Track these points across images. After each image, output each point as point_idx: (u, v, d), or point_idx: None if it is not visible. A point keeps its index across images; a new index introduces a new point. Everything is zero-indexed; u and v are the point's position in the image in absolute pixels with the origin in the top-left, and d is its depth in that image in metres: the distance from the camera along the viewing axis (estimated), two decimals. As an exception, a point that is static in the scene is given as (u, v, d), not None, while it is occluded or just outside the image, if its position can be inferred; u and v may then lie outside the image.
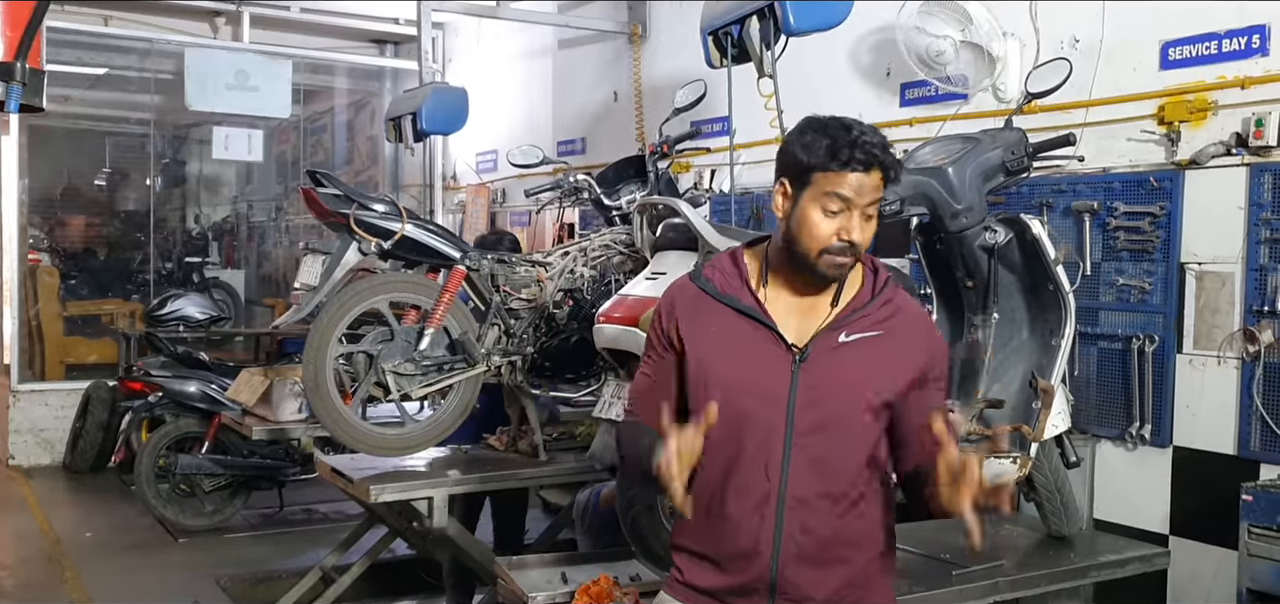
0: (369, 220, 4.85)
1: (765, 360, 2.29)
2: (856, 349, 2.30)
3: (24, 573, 6.57)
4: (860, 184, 2.24)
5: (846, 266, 2.28)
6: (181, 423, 7.40)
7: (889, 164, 2.27)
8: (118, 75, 11.24)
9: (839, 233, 2.24)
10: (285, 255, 12.52)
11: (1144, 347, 4.80)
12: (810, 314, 2.33)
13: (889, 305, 2.36)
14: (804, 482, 2.28)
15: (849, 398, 2.30)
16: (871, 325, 2.32)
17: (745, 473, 2.29)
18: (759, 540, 2.29)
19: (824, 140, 2.25)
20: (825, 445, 2.29)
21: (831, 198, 2.24)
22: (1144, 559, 4.35)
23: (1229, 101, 4.56)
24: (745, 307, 2.32)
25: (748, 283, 2.35)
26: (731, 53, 5.01)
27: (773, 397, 2.28)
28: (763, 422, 2.28)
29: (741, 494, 2.30)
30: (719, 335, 2.32)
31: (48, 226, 11.89)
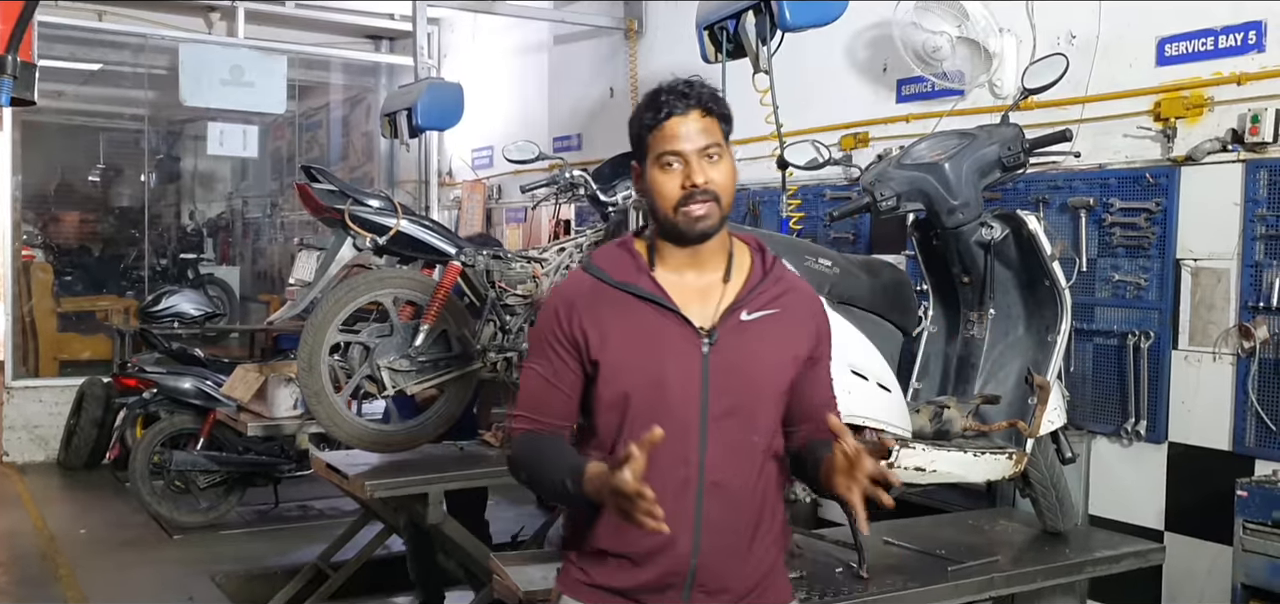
0: (364, 216, 4.85)
1: (674, 346, 2.24)
2: (759, 327, 2.28)
3: (18, 570, 6.55)
4: (683, 128, 2.21)
5: (706, 217, 2.21)
6: (176, 419, 7.39)
7: (706, 98, 2.24)
8: (112, 71, 11.22)
9: (682, 183, 2.20)
10: (280, 251, 12.51)
11: (1139, 343, 4.80)
12: (706, 296, 2.28)
13: (781, 282, 2.34)
14: (721, 466, 2.24)
15: (759, 377, 2.28)
16: (768, 303, 2.30)
17: (662, 462, 2.16)
18: (678, 531, 2.20)
19: (644, 106, 2.27)
20: (739, 427, 2.26)
21: (665, 154, 2.22)
22: (1139, 555, 4.35)
23: (1225, 98, 4.56)
24: (647, 292, 2.26)
25: (641, 266, 2.29)
26: (727, 48, 5.00)
27: (685, 382, 2.23)
28: (677, 408, 2.22)
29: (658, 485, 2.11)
30: (623, 325, 2.25)
31: (42, 223, 11.86)
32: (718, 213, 2.23)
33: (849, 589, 3.61)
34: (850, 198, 4.48)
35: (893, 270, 4.02)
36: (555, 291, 2.42)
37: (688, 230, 2.23)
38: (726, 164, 2.25)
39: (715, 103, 2.25)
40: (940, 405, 3.95)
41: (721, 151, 2.24)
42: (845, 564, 3.80)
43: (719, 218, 2.24)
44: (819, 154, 4.37)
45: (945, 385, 4.24)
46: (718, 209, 2.22)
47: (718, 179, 2.22)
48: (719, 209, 2.23)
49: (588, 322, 2.27)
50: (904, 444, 3.64)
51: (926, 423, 3.88)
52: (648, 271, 2.29)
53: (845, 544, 3.89)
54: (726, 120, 2.28)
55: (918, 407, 3.94)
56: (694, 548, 2.25)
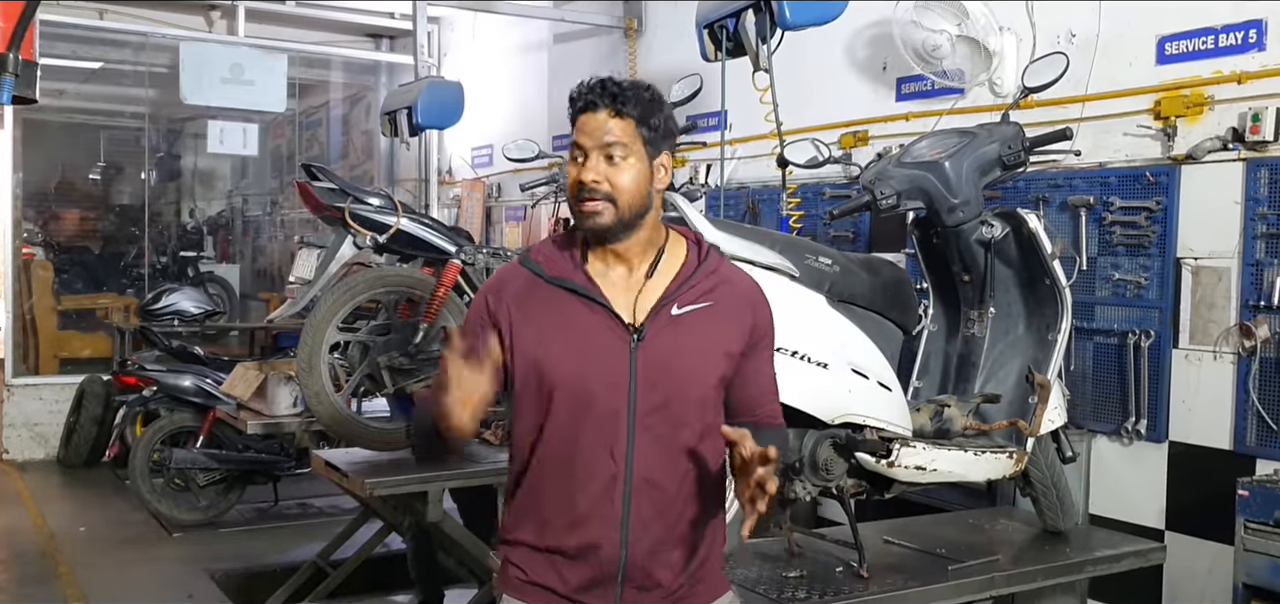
0: (364, 214, 4.85)
1: (602, 341, 2.23)
2: (690, 321, 2.26)
3: (18, 568, 6.55)
4: (589, 123, 2.21)
5: (597, 214, 2.20)
6: (176, 417, 7.39)
7: (618, 99, 2.21)
8: (112, 69, 11.22)
9: (577, 178, 2.21)
10: (280, 250, 12.51)
11: (1140, 341, 4.80)
12: (634, 290, 2.27)
13: (715, 275, 2.32)
14: (650, 463, 2.23)
15: (689, 372, 2.26)
16: (700, 296, 2.28)
17: (589, 459, 2.22)
18: (607, 528, 2.23)
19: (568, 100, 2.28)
20: (668, 423, 2.24)
21: (574, 147, 2.24)
22: (1139, 554, 4.35)
23: (1225, 96, 4.56)
24: (578, 286, 2.26)
25: (577, 262, 2.28)
26: (727, 47, 5.01)
27: (613, 378, 2.22)
28: (605, 404, 2.22)
29: (587, 481, 2.23)
30: (553, 318, 2.25)
31: (42, 221, 11.86)
32: (612, 212, 2.21)
33: (849, 588, 3.61)
34: (850, 196, 4.48)
35: (893, 269, 4.02)
36: (494, 275, 2.43)
37: (582, 224, 2.24)
38: (632, 167, 2.22)
39: (630, 104, 2.23)
40: (941, 404, 3.95)
41: (628, 153, 2.21)
42: (845, 563, 3.80)
43: (614, 218, 2.21)
44: (819, 152, 4.37)
45: (946, 384, 4.24)
46: (613, 209, 2.20)
47: (617, 180, 2.20)
48: (614, 209, 2.21)
49: (515, 311, 2.28)
50: (904, 443, 3.64)
51: (927, 421, 3.88)
52: (581, 265, 2.28)
53: (845, 543, 3.88)
54: (645, 122, 2.24)
55: (918, 405, 3.94)
56: (623, 544, 2.24)
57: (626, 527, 2.24)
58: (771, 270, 3.43)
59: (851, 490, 3.76)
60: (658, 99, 2.29)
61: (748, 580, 3.66)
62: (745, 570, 3.76)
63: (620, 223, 2.23)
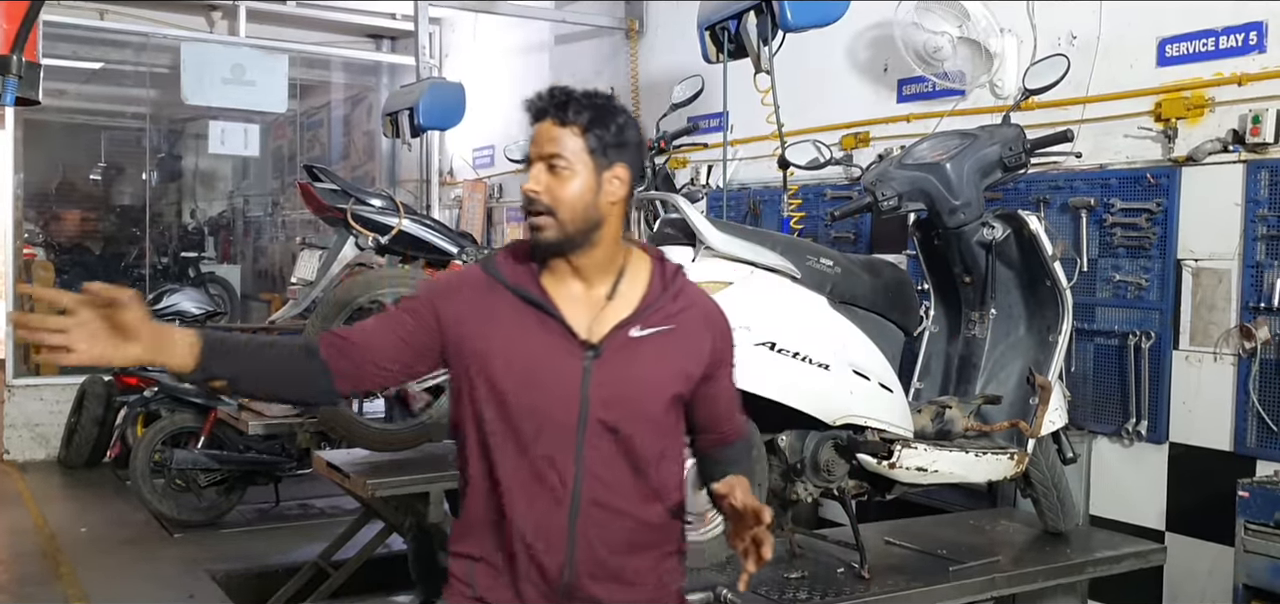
0: (366, 215, 4.86)
1: (554, 356, 2.18)
2: (650, 344, 2.21)
3: (19, 568, 6.56)
4: (539, 133, 2.20)
5: (540, 227, 2.15)
6: (177, 418, 7.39)
7: (566, 108, 2.18)
8: (113, 69, 11.23)
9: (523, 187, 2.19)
10: (281, 250, 12.51)
11: (1140, 343, 4.80)
12: (595, 308, 2.22)
13: (681, 298, 2.27)
14: (598, 482, 2.19)
15: (642, 394, 2.21)
16: (664, 319, 2.23)
17: (537, 474, 2.17)
18: (553, 545, 2.18)
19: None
20: (620, 444, 2.20)
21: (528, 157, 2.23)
22: (1140, 555, 4.35)
23: (1226, 98, 4.57)
24: (534, 297, 2.20)
25: (534, 274, 2.23)
26: (728, 48, 5.00)
27: (563, 393, 2.17)
28: (554, 419, 2.17)
29: (533, 497, 2.18)
30: (507, 326, 2.19)
31: (43, 221, 11.87)
32: (555, 226, 2.15)
33: (851, 589, 3.62)
34: (851, 198, 4.49)
35: (894, 270, 4.03)
36: (445, 275, 2.39)
37: (529, 236, 2.20)
38: (576, 180, 2.16)
39: (574, 113, 2.18)
40: (942, 405, 3.95)
41: (572, 167, 2.16)
42: (847, 564, 3.81)
43: (558, 233, 2.15)
44: (820, 154, 4.38)
45: (947, 385, 4.25)
46: (554, 222, 2.15)
47: (557, 192, 2.15)
48: (556, 222, 2.15)
49: (468, 311, 2.22)
50: (906, 444, 3.64)
51: (928, 423, 3.88)
52: (537, 277, 2.23)
53: (847, 544, 3.89)
54: (591, 132, 2.18)
55: (919, 407, 3.95)
56: (567, 563, 2.19)
57: (573, 545, 2.19)
58: (773, 272, 3.44)
59: (853, 491, 3.77)
60: (611, 109, 2.23)
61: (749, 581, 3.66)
62: (746, 571, 3.76)
63: (565, 237, 2.16)
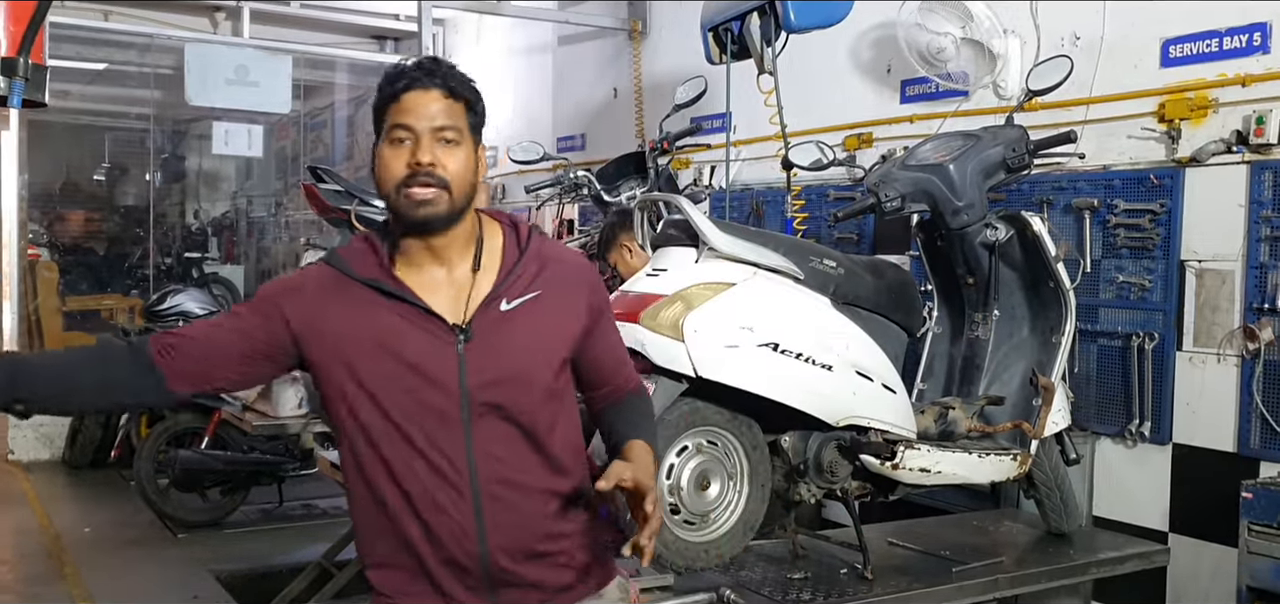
0: (370, 217, 4.86)
1: (423, 346, 2.07)
2: (521, 315, 2.11)
3: (23, 568, 6.56)
4: (418, 103, 2.05)
5: (430, 202, 2.03)
6: (181, 418, 7.39)
7: (450, 79, 2.09)
8: (118, 70, 11.23)
9: (407, 161, 2.03)
10: (285, 251, 12.53)
11: (1144, 344, 4.80)
12: (457, 289, 2.12)
13: (539, 258, 2.17)
14: (496, 464, 2.10)
15: (525, 368, 2.11)
16: (528, 286, 2.13)
17: (429, 468, 2.08)
18: (463, 537, 2.10)
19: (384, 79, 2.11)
20: (511, 421, 2.11)
21: (396, 129, 2.05)
22: (1143, 556, 4.36)
23: (1230, 99, 4.57)
24: (389, 288, 2.08)
25: (383, 265, 2.11)
26: (731, 49, 5.02)
27: (441, 382, 2.06)
28: (435, 411, 2.07)
29: (431, 493, 2.09)
30: (367, 324, 2.08)
31: (47, 221, 11.90)
32: (446, 200, 2.05)
33: (853, 590, 3.62)
34: (855, 199, 4.50)
35: (897, 271, 4.03)
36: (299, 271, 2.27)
37: (409, 214, 2.05)
38: (464, 153, 2.08)
39: (462, 87, 2.10)
40: (945, 406, 3.96)
41: (460, 138, 2.07)
42: (850, 565, 3.81)
43: (447, 208, 2.06)
44: (823, 155, 4.39)
45: (950, 386, 4.25)
46: (447, 197, 2.05)
47: (450, 165, 2.05)
48: (448, 197, 2.05)
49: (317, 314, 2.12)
50: (909, 445, 3.65)
51: (931, 424, 3.89)
52: (388, 269, 2.11)
53: (850, 545, 3.89)
54: (474, 109, 2.13)
55: (922, 408, 3.95)
56: (481, 552, 2.11)
57: (483, 532, 2.11)
58: (776, 273, 3.45)
59: (856, 492, 3.77)
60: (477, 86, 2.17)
61: (751, 582, 3.67)
62: (749, 572, 3.77)
63: (452, 212, 2.07)
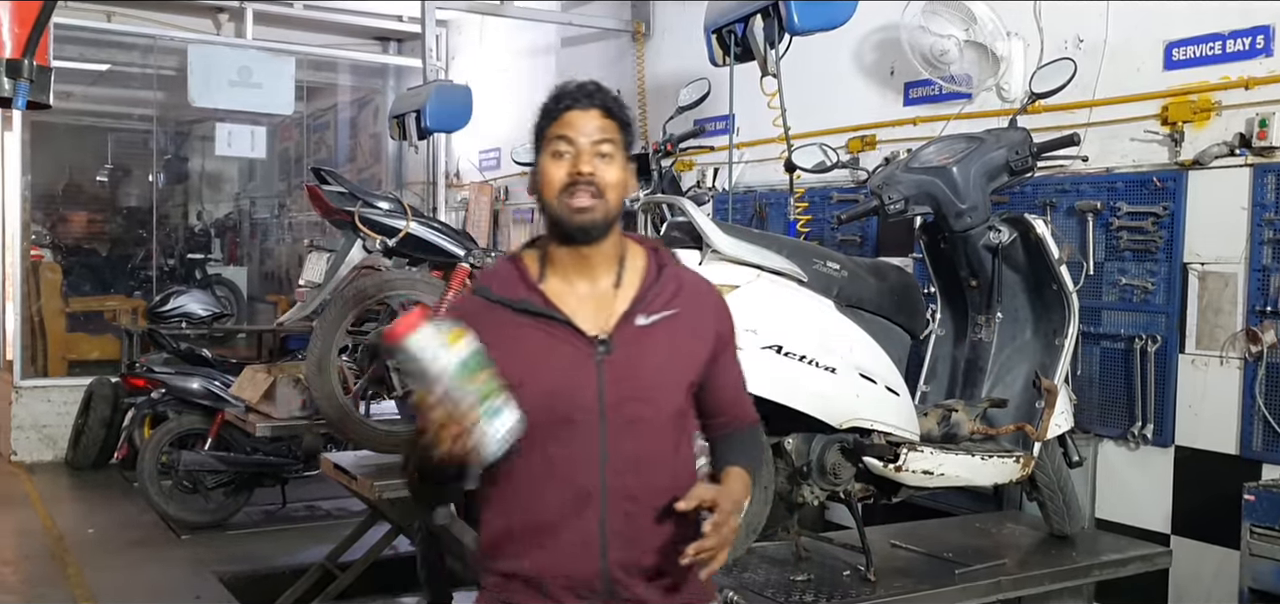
0: (373, 218, 4.88)
1: (565, 357, 2.19)
2: (658, 331, 2.23)
3: (26, 569, 6.58)
4: (579, 120, 2.21)
5: (589, 209, 2.18)
6: (184, 420, 7.41)
7: (608, 100, 2.24)
8: (121, 71, 11.25)
9: (569, 170, 2.19)
10: (288, 252, 12.54)
11: (1146, 346, 4.80)
12: (600, 303, 2.24)
13: (676, 280, 2.30)
14: (624, 476, 2.20)
15: (658, 383, 2.24)
16: (665, 305, 2.25)
17: (562, 476, 2.19)
18: (585, 547, 2.19)
19: (546, 101, 2.28)
20: (641, 435, 2.21)
21: (557, 142, 2.22)
22: (1146, 558, 4.36)
23: (1233, 102, 4.57)
24: (534, 306, 2.22)
25: (529, 281, 2.25)
26: (735, 51, 5.01)
27: (580, 394, 2.18)
28: (573, 421, 2.18)
29: (562, 500, 2.19)
30: (512, 342, 2.18)
31: (50, 222, 11.90)
32: (602, 209, 2.19)
33: (856, 592, 3.63)
34: (858, 201, 4.49)
35: (900, 273, 4.03)
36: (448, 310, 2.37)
37: (569, 220, 2.19)
38: (618, 167, 2.22)
39: (618, 109, 2.25)
40: (948, 408, 3.96)
41: (615, 153, 2.22)
42: (853, 567, 3.81)
43: (603, 214, 2.20)
44: (826, 157, 4.39)
45: (953, 389, 4.25)
46: (603, 205, 2.19)
47: (606, 176, 2.19)
48: (604, 206, 2.19)
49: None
50: (912, 447, 3.65)
51: (934, 426, 3.89)
52: (536, 285, 2.24)
53: (853, 547, 3.90)
54: (626, 128, 2.27)
55: (925, 410, 3.95)
56: (602, 562, 2.20)
57: (604, 544, 2.20)
58: (779, 275, 3.45)
59: (859, 494, 3.77)
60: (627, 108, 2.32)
61: (755, 584, 3.67)
62: (752, 574, 3.77)
63: (606, 221, 2.21)
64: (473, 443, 1.95)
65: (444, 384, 1.91)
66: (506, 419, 1.98)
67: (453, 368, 1.91)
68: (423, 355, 1.91)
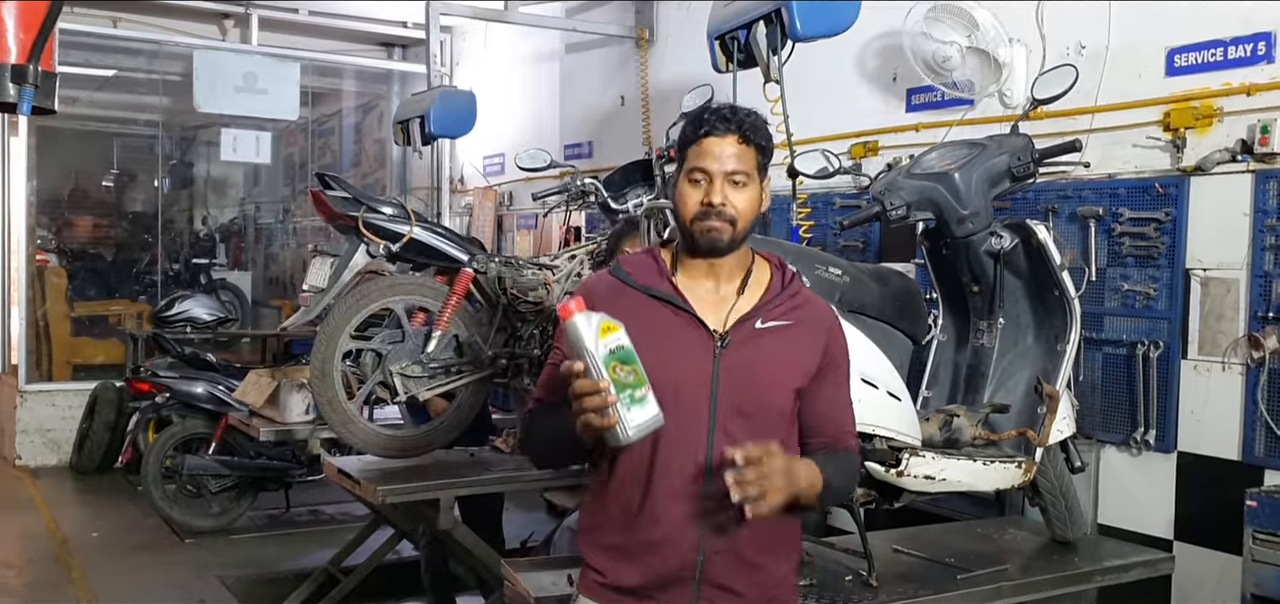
0: (377, 223, 4.88)
1: (687, 344, 2.33)
2: (772, 336, 2.36)
3: (31, 573, 6.60)
4: (716, 148, 2.32)
5: (719, 232, 2.32)
6: (188, 424, 7.43)
7: (745, 125, 2.34)
8: (126, 77, 11.28)
9: (702, 199, 2.32)
10: (292, 257, 12.57)
11: (1149, 352, 4.81)
12: (722, 304, 2.38)
13: (797, 297, 2.43)
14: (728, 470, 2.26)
15: (768, 382, 2.35)
16: (783, 315, 2.39)
17: (670, 458, 2.30)
18: (686, 528, 2.30)
19: (689, 121, 2.40)
20: (748, 430, 2.29)
21: (695, 169, 2.34)
22: (1148, 564, 4.35)
23: (1235, 108, 4.57)
24: (663, 293, 2.36)
25: (664, 273, 2.40)
26: (738, 57, 5.02)
27: (696, 379, 2.31)
28: (687, 404, 2.29)
29: (667, 478, 2.30)
30: (640, 322, 2.28)
31: (55, 227, 11.93)
32: (730, 233, 2.33)
33: (859, 597, 3.63)
34: (860, 207, 4.51)
35: (902, 279, 4.04)
36: (582, 284, 2.53)
37: (699, 241, 2.34)
38: (752, 192, 2.35)
39: (754, 133, 2.35)
40: (950, 414, 3.96)
41: (749, 179, 2.34)
42: (855, 573, 3.81)
43: (730, 237, 2.33)
44: (829, 163, 4.39)
45: (955, 394, 4.25)
46: (731, 230, 2.33)
47: (738, 203, 2.32)
48: (732, 231, 2.33)
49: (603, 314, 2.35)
50: (914, 452, 3.65)
51: (936, 431, 3.89)
52: (669, 276, 2.39)
53: (855, 552, 3.90)
54: (764, 150, 2.38)
55: (927, 415, 3.95)
56: (700, 544, 2.31)
57: (704, 532, 2.31)
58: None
59: (861, 500, 3.77)
60: (767, 127, 2.41)
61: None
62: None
63: (733, 242, 2.35)
64: (612, 422, 2.09)
65: (591, 364, 2.09)
66: (647, 410, 2.13)
67: (601, 353, 2.10)
68: (575, 337, 2.10)
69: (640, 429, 2.12)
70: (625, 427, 2.10)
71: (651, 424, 2.13)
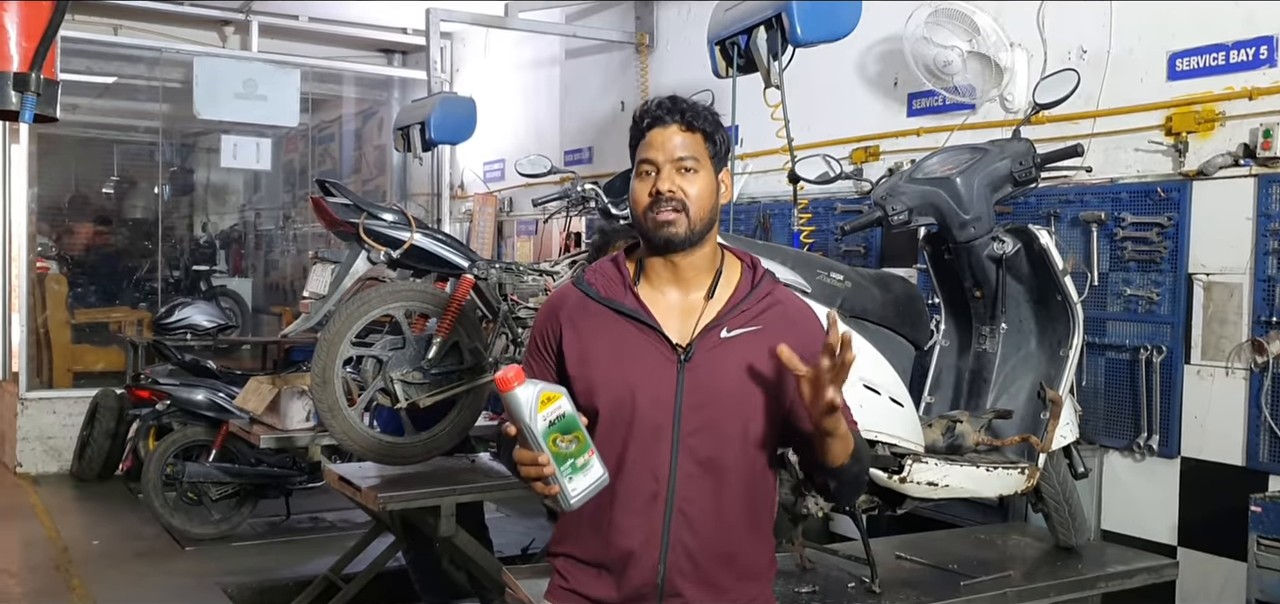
0: (378, 229, 4.88)
1: (650, 361, 2.27)
2: (738, 345, 2.29)
3: (31, 580, 6.58)
4: (659, 138, 2.29)
5: (672, 222, 2.26)
6: (189, 431, 7.41)
7: (688, 113, 2.31)
8: (126, 84, 11.28)
9: (650, 189, 2.28)
10: (293, 264, 12.55)
11: (1152, 357, 4.80)
12: (689, 313, 2.32)
13: (767, 299, 2.35)
14: (692, 483, 2.27)
15: (731, 396, 2.28)
16: (750, 320, 2.31)
17: (632, 475, 2.26)
18: (647, 544, 2.27)
19: (633, 120, 2.37)
20: (712, 445, 2.27)
21: (643, 163, 2.31)
22: (1152, 570, 4.33)
23: (1237, 112, 4.57)
24: (627, 308, 2.31)
25: (627, 284, 2.34)
26: (738, 63, 5.02)
27: (658, 397, 2.26)
28: (649, 422, 2.26)
29: (628, 496, 2.27)
30: (603, 339, 2.30)
31: (56, 234, 11.91)
32: (685, 222, 2.26)
33: None
34: (861, 212, 4.49)
35: (904, 284, 4.02)
36: (549, 298, 2.49)
37: (652, 234, 2.28)
38: (704, 179, 2.29)
39: (698, 118, 2.32)
40: (952, 420, 3.95)
41: (699, 166, 2.29)
42: (858, 579, 3.80)
43: (686, 228, 2.27)
44: (830, 168, 4.38)
45: (957, 400, 4.24)
46: (685, 219, 2.26)
47: (688, 190, 2.27)
48: (686, 220, 2.26)
49: (567, 332, 2.34)
50: (916, 459, 3.64)
51: (939, 437, 3.88)
52: (631, 288, 2.33)
53: (857, 559, 3.89)
54: (712, 138, 2.33)
55: (930, 421, 3.94)
56: (661, 562, 2.28)
57: (665, 545, 2.27)
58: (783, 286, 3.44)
59: (863, 506, 3.77)
60: (717, 118, 2.37)
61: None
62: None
63: (691, 234, 2.27)
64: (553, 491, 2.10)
65: (531, 439, 2.09)
66: (589, 476, 2.13)
67: (540, 429, 2.07)
68: (514, 411, 2.08)
69: (583, 495, 2.12)
70: (567, 496, 2.11)
71: (595, 488, 2.13)
